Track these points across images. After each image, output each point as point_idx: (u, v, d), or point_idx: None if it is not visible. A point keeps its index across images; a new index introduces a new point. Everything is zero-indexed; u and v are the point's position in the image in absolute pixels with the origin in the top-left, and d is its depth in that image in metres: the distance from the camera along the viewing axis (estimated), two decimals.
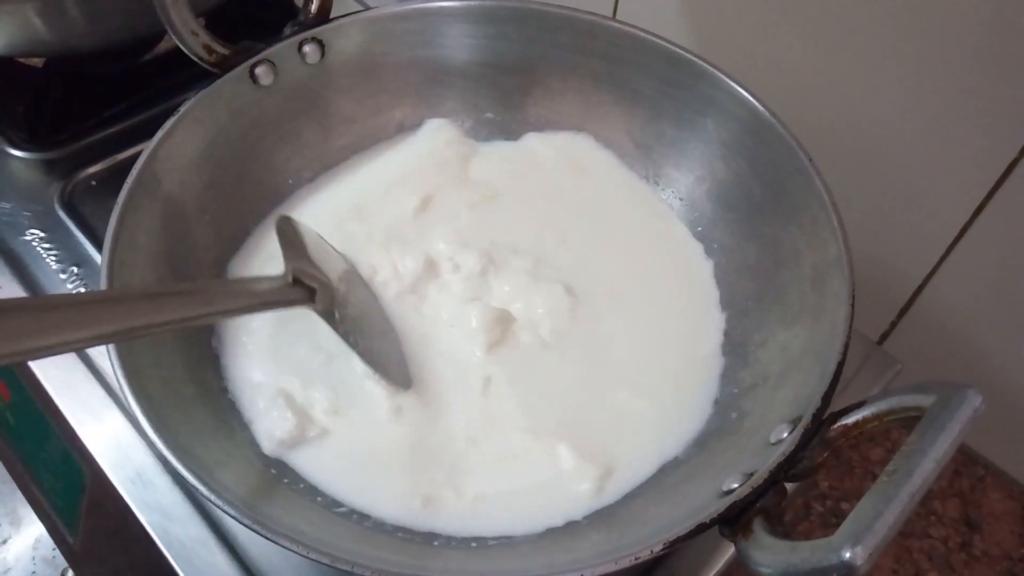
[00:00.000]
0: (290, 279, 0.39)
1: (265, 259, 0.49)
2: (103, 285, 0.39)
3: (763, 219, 0.47)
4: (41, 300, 0.25)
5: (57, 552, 0.98)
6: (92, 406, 0.48)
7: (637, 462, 0.42)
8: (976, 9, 0.46)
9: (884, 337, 0.63)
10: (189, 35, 0.46)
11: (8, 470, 0.61)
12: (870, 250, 0.57)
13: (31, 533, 1.06)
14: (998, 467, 0.61)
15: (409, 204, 0.52)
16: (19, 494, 0.60)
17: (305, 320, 0.42)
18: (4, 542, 1.07)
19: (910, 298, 0.59)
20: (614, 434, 0.43)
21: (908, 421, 0.32)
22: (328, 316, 0.40)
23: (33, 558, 1.05)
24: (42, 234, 0.56)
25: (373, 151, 0.56)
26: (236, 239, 0.50)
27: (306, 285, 0.39)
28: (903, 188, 0.55)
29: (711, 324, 0.48)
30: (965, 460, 0.62)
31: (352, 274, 0.41)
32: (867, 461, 0.61)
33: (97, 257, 0.55)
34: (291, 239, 0.41)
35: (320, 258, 0.40)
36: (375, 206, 0.52)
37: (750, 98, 0.47)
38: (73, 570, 0.56)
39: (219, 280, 0.35)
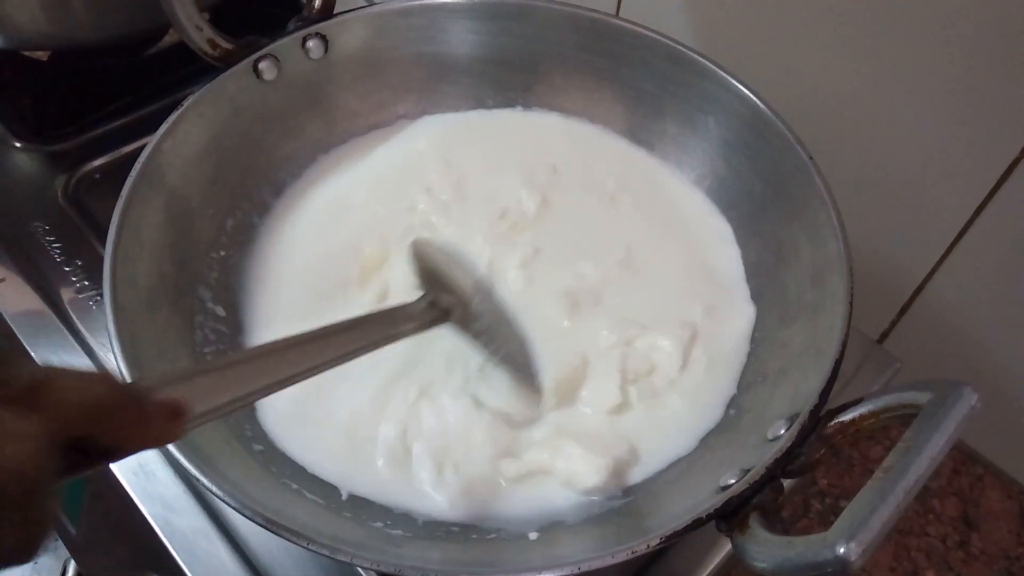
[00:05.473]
0: (426, 303, 0.41)
1: (281, 260, 0.50)
2: (106, 278, 0.39)
3: (764, 217, 0.47)
4: (212, 363, 0.28)
5: (59, 542, 0.99)
6: None
7: (653, 458, 0.42)
8: (978, 8, 0.46)
9: (884, 336, 0.63)
10: (193, 30, 0.46)
11: None
12: (871, 248, 0.57)
13: None
14: (997, 466, 0.61)
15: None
16: None
17: None
18: None
19: (911, 297, 0.60)
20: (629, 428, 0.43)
21: (905, 418, 0.32)
22: (465, 329, 0.42)
23: None
24: (46, 227, 0.57)
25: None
26: (241, 233, 0.50)
27: (442, 306, 0.41)
28: (904, 187, 0.55)
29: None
30: (964, 459, 0.62)
31: (483, 283, 0.43)
32: (866, 459, 0.61)
33: (101, 250, 0.55)
34: (423, 263, 0.43)
35: (452, 272, 0.42)
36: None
37: (752, 96, 0.47)
38: (75, 560, 0.56)
39: (367, 315, 0.38)
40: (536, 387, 0.43)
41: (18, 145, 0.62)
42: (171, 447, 0.34)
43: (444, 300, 0.41)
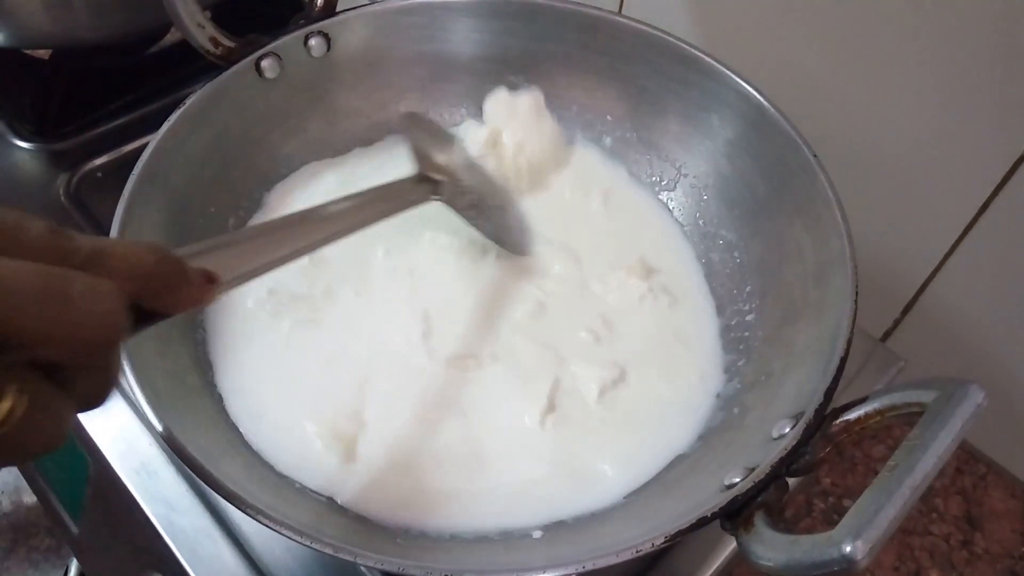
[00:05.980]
0: (418, 177, 0.44)
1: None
2: None
3: (767, 215, 0.47)
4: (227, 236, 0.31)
5: (62, 543, 0.99)
6: None
7: (646, 456, 0.42)
8: (982, 7, 0.46)
9: (887, 335, 0.63)
10: (195, 28, 0.46)
11: None
12: (874, 247, 0.57)
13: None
14: (1000, 465, 0.61)
15: None
16: (24, 483, 0.61)
17: None
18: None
19: (914, 296, 0.59)
20: (618, 428, 0.43)
21: (910, 417, 0.32)
22: (453, 204, 0.45)
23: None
24: None
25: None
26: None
27: (432, 180, 0.44)
28: (908, 186, 0.55)
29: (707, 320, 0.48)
30: (967, 458, 0.62)
31: (469, 159, 0.45)
32: (869, 458, 0.61)
33: None
34: (415, 136, 0.46)
35: (441, 148, 0.45)
36: None
37: (756, 94, 0.47)
38: (77, 559, 0.56)
39: (367, 190, 0.39)
40: (527, 254, 0.47)
41: (20, 144, 0.62)
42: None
43: (434, 175, 0.44)
